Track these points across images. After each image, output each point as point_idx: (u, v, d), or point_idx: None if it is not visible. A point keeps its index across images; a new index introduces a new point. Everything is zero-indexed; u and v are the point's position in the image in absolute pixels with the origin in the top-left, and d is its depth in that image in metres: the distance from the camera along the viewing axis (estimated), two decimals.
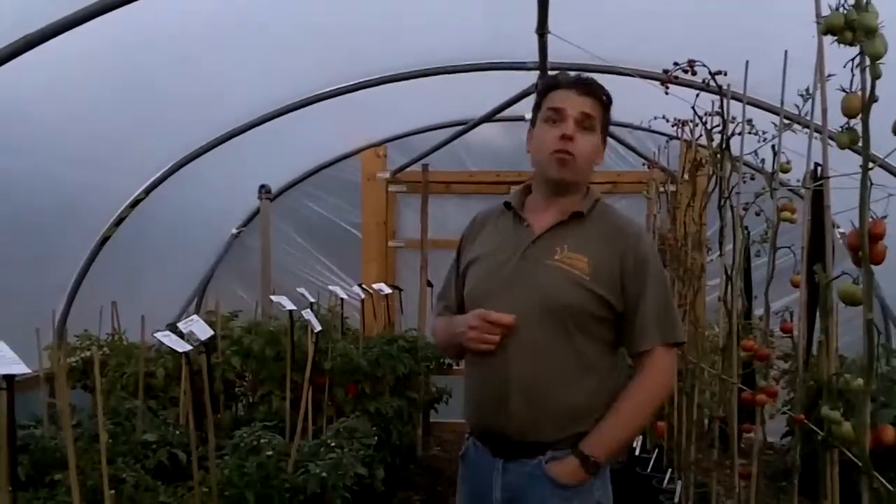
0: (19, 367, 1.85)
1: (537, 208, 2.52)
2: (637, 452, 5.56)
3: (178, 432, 3.59)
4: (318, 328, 3.55)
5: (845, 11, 1.82)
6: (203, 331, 2.78)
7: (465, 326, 2.42)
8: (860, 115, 1.80)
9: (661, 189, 5.56)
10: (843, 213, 1.97)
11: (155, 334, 2.63)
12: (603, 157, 2.53)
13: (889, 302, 6.59)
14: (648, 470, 5.15)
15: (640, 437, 5.68)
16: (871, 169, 1.78)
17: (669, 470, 4.91)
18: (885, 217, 1.81)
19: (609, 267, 2.38)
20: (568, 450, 2.35)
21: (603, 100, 2.46)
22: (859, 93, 1.80)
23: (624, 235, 2.43)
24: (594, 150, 2.46)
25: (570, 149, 2.39)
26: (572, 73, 2.52)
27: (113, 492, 2.70)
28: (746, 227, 3.53)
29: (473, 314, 2.42)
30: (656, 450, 5.28)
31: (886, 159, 1.94)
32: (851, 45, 1.84)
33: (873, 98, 1.78)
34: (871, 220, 1.78)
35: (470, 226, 2.69)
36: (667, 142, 5.41)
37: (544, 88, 2.50)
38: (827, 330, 2.27)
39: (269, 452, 3.10)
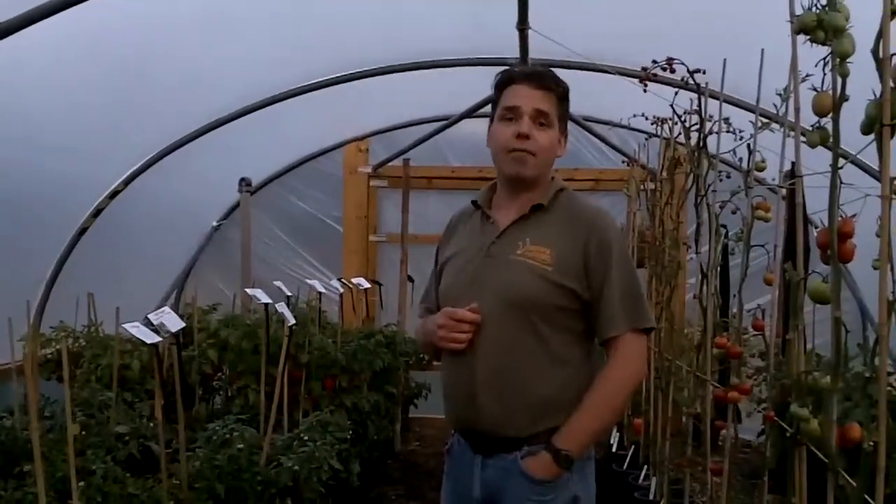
0: None
1: (502, 205, 2.53)
2: (614, 449, 5.58)
3: (151, 425, 3.57)
4: (292, 321, 3.53)
5: (818, 11, 1.83)
6: (174, 323, 2.76)
7: (434, 326, 2.45)
8: (831, 114, 1.81)
9: (642, 187, 5.57)
10: (821, 212, 1.97)
11: (123, 325, 2.61)
12: (564, 149, 2.52)
13: (868, 303, 6.62)
14: (624, 467, 5.16)
15: (617, 433, 5.70)
16: (841, 167, 1.79)
17: (645, 466, 4.93)
18: (854, 216, 1.81)
19: (572, 256, 2.37)
20: (543, 445, 2.35)
21: (559, 92, 2.45)
22: (830, 92, 1.81)
23: (586, 223, 2.42)
24: (552, 144, 2.44)
25: (527, 147, 2.39)
26: (526, 65, 2.51)
27: (82, 483, 2.68)
28: (724, 226, 3.54)
29: (441, 313, 2.45)
30: (633, 446, 5.30)
31: (859, 156, 1.94)
32: (824, 44, 1.85)
33: (844, 97, 1.79)
34: (840, 218, 1.79)
35: (446, 228, 2.72)
36: (646, 139, 5.42)
37: (500, 83, 2.48)
38: (797, 328, 2.27)
39: (240, 445, 3.08)
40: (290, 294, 4.81)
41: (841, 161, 1.78)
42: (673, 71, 3.63)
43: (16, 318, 4.10)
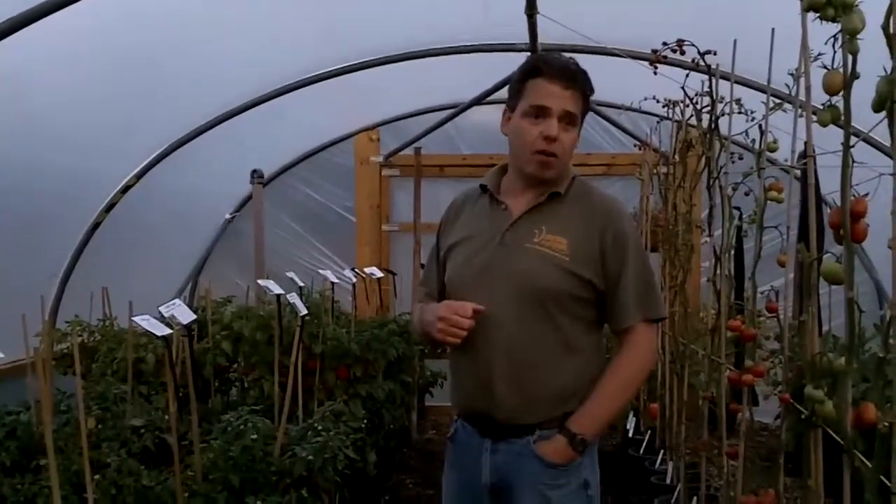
0: None
1: (514, 191, 2.49)
2: (630, 434, 5.57)
3: (166, 417, 3.58)
4: (304, 312, 3.53)
5: None
6: (185, 315, 2.77)
7: (434, 318, 2.39)
8: (842, 93, 1.78)
9: (654, 171, 5.54)
10: (836, 192, 1.95)
11: (133, 318, 2.62)
12: (578, 144, 2.50)
13: (884, 282, 6.57)
14: (641, 452, 5.15)
15: (633, 419, 5.69)
16: (853, 146, 1.77)
17: (662, 451, 4.92)
18: (867, 195, 1.79)
19: (588, 246, 2.37)
20: (556, 429, 2.36)
21: (585, 91, 2.41)
22: (841, 70, 1.78)
23: (602, 213, 2.41)
24: (574, 144, 2.43)
25: (554, 149, 2.36)
26: (555, 56, 2.47)
27: (97, 476, 2.69)
28: (737, 208, 3.51)
29: (442, 305, 2.41)
30: (649, 431, 5.29)
31: (872, 135, 1.92)
32: (834, 21, 1.82)
33: (854, 75, 1.76)
34: (853, 197, 1.76)
35: (448, 210, 2.67)
36: (658, 122, 5.39)
37: (526, 73, 2.42)
38: (810, 310, 2.25)
39: (254, 436, 3.09)
40: (302, 284, 4.80)
41: (853, 140, 1.76)
42: (683, 53, 3.60)
43: (30, 314, 4.11)
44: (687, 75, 3.87)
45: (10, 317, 3.79)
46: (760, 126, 2.98)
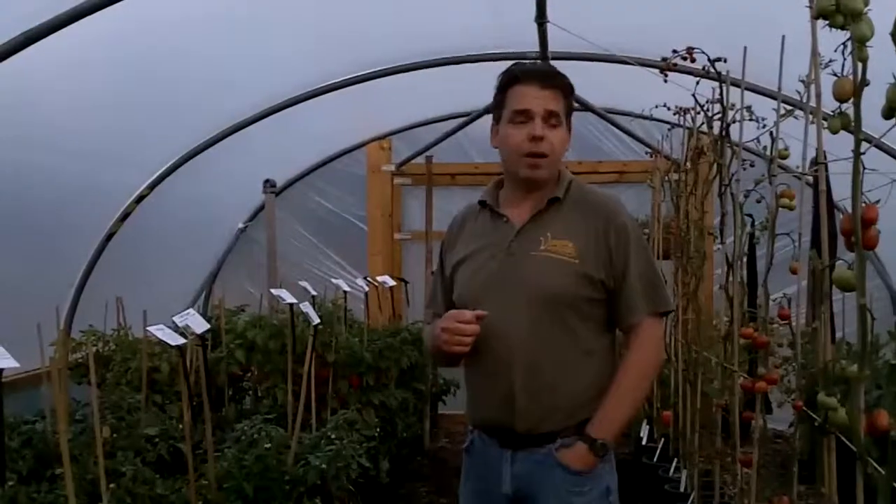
0: (7, 362, 1.85)
1: (513, 201, 2.50)
2: (644, 442, 5.55)
3: (180, 426, 3.60)
4: (316, 321, 3.55)
5: None
6: (198, 324, 2.78)
7: (439, 330, 2.41)
8: (852, 99, 1.79)
9: (666, 178, 5.54)
10: (848, 199, 1.95)
11: (148, 328, 2.63)
12: (569, 143, 2.50)
13: None
14: (655, 459, 5.14)
15: (647, 426, 5.67)
16: (864, 153, 1.77)
17: (675, 459, 4.90)
18: (877, 201, 1.79)
19: (594, 246, 2.38)
20: (575, 436, 2.36)
21: (564, 88, 2.44)
22: (851, 77, 1.79)
23: (603, 211, 2.43)
24: (562, 142, 2.44)
25: (541, 149, 2.38)
26: (530, 62, 2.50)
27: (112, 485, 2.71)
28: (749, 215, 3.51)
29: (445, 316, 2.42)
30: (662, 439, 5.27)
31: (882, 140, 1.91)
32: (843, 28, 1.82)
33: (864, 82, 1.76)
34: (864, 204, 1.76)
35: (450, 227, 2.67)
36: (669, 129, 5.39)
37: (504, 84, 2.45)
38: (823, 317, 2.25)
39: (268, 445, 3.10)
40: (314, 293, 4.82)
41: (864, 146, 1.76)
42: (693, 60, 3.60)
43: (45, 323, 4.14)
44: (697, 82, 3.87)
45: (26, 326, 3.82)
46: (771, 133, 2.98)
